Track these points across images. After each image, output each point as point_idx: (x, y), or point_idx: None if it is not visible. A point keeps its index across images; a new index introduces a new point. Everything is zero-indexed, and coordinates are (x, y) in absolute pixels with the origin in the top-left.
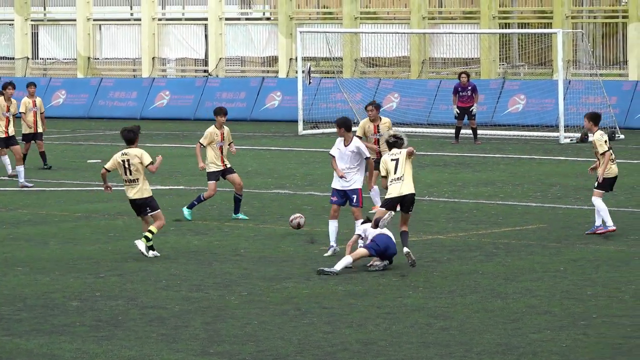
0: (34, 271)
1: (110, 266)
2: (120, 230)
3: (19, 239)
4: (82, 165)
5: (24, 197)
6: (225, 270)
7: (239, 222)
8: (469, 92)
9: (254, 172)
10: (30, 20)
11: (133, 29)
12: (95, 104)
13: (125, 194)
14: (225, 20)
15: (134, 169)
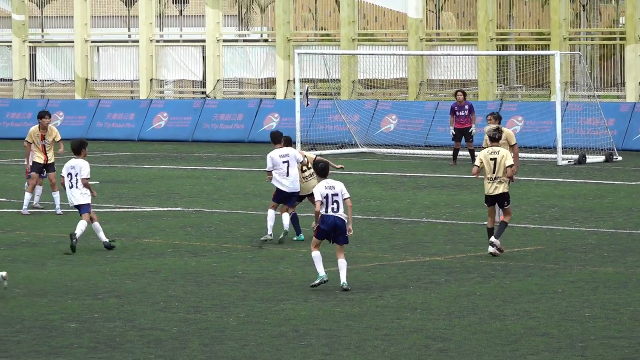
0: (32, 293)
1: (108, 288)
2: (117, 252)
3: (17, 260)
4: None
5: (21, 218)
6: (223, 291)
7: (236, 244)
8: (465, 112)
9: (252, 193)
10: (28, 42)
11: (131, 51)
12: (94, 126)
13: None
14: (222, 42)
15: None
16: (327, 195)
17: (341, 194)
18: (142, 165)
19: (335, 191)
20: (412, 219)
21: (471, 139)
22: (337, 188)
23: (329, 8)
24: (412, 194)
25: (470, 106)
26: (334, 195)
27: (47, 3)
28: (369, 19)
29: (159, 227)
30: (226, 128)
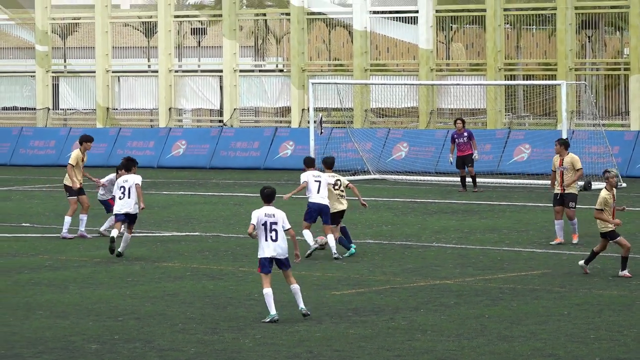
0: (54, 315)
1: (128, 310)
2: (137, 276)
3: (40, 283)
4: (101, 212)
5: (44, 242)
6: (240, 314)
7: (252, 267)
8: (465, 139)
9: None
10: (51, 72)
11: (150, 81)
12: (114, 153)
13: None
14: (239, 72)
15: None
16: (265, 222)
17: (282, 224)
18: (161, 191)
19: (274, 220)
20: (422, 244)
21: (471, 164)
22: (277, 217)
23: (343, 39)
24: (422, 219)
25: (469, 133)
26: (272, 223)
27: (70, 34)
28: (381, 49)
29: (177, 252)
30: (243, 155)
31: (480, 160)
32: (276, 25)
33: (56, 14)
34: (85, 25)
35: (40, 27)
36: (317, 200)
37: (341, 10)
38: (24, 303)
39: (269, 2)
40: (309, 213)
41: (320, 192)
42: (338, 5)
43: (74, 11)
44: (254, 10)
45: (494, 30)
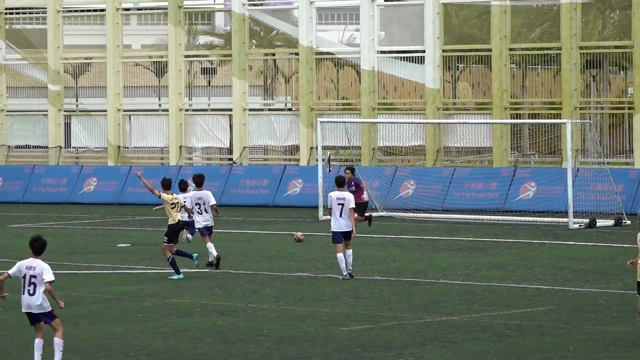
0: (66, 351)
1: (139, 346)
2: (148, 312)
3: None
4: (112, 249)
5: (56, 279)
6: (249, 349)
7: (262, 303)
8: (353, 188)
9: (277, 255)
10: (63, 111)
11: (161, 119)
12: (125, 191)
13: None
14: (249, 111)
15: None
16: (25, 275)
17: (41, 276)
18: None
19: (34, 272)
20: (429, 280)
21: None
22: (37, 269)
23: (350, 79)
24: (429, 256)
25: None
26: (32, 276)
27: (82, 74)
28: (388, 89)
29: (187, 288)
30: (252, 193)
31: (487, 198)
32: (285, 64)
33: (68, 54)
34: (96, 65)
35: (53, 66)
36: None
37: (349, 50)
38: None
39: (278, 42)
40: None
41: (342, 215)
42: (346, 45)
43: (85, 51)
44: (263, 50)
45: (500, 70)
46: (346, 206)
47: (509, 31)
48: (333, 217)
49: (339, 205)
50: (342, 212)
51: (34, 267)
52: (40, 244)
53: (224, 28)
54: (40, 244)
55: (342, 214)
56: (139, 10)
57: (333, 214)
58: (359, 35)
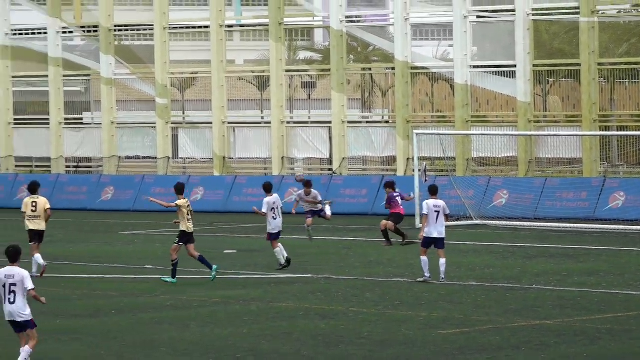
0: (176, 352)
1: (246, 348)
2: (254, 315)
3: (163, 322)
4: (219, 255)
5: (162, 284)
6: (351, 351)
7: (362, 307)
8: (395, 198)
9: (375, 262)
10: (170, 123)
11: (264, 131)
12: (230, 200)
13: None
14: (347, 123)
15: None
16: (4, 284)
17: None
18: (283, 235)
19: (14, 280)
20: (523, 286)
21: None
22: (16, 277)
23: (445, 92)
24: (522, 263)
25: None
26: (12, 284)
27: (188, 88)
28: (481, 102)
29: (291, 293)
30: (351, 202)
31: (577, 207)
32: (382, 79)
33: (175, 69)
34: (202, 80)
35: (160, 81)
36: (433, 232)
37: (443, 65)
38: (147, 341)
39: (375, 57)
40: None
41: (437, 222)
42: (440, 60)
43: (191, 66)
44: (360, 65)
45: (589, 84)
46: (441, 213)
47: (597, 46)
48: (428, 223)
49: (435, 212)
50: (438, 219)
51: (13, 275)
52: (14, 251)
53: (323, 44)
54: (14, 251)
55: (437, 220)
56: (242, 27)
57: (429, 220)
58: (453, 50)
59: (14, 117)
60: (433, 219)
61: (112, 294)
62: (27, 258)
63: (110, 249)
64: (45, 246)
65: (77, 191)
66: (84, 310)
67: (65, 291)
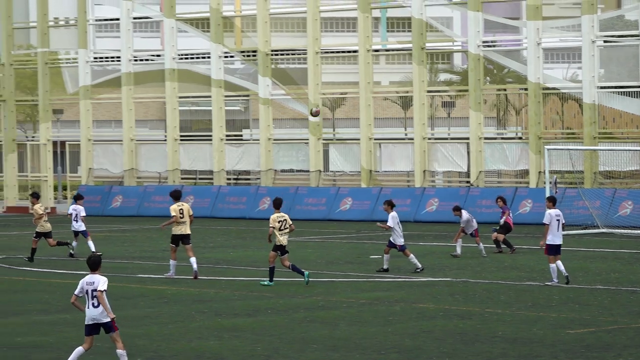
0: (326, 348)
1: (389, 345)
2: (397, 315)
3: (314, 321)
4: (365, 260)
5: (318, 285)
6: (486, 349)
7: (497, 308)
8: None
9: (510, 266)
10: (322, 139)
11: (407, 147)
12: (376, 210)
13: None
14: (484, 140)
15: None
16: (87, 290)
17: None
18: (417, 242)
19: (94, 287)
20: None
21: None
22: (95, 284)
23: (574, 111)
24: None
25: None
26: (93, 290)
27: (338, 107)
28: (607, 120)
29: (431, 294)
30: (487, 212)
31: None
32: (515, 98)
33: (326, 89)
34: (351, 99)
35: (313, 100)
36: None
37: (572, 86)
38: (300, 338)
39: (509, 78)
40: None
41: (558, 230)
42: (570, 82)
43: (341, 87)
44: (496, 86)
45: None
46: (561, 222)
47: None
48: (551, 232)
49: (556, 221)
50: (559, 227)
51: (94, 282)
52: (93, 260)
53: (462, 66)
54: (93, 261)
55: (558, 229)
56: (387, 52)
57: (551, 229)
58: (581, 72)
59: (180, 134)
60: (555, 227)
61: (268, 295)
62: (167, 260)
63: (266, 254)
64: (207, 251)
65: (237, 201)
66: (242, 309)
67: (226, 292)
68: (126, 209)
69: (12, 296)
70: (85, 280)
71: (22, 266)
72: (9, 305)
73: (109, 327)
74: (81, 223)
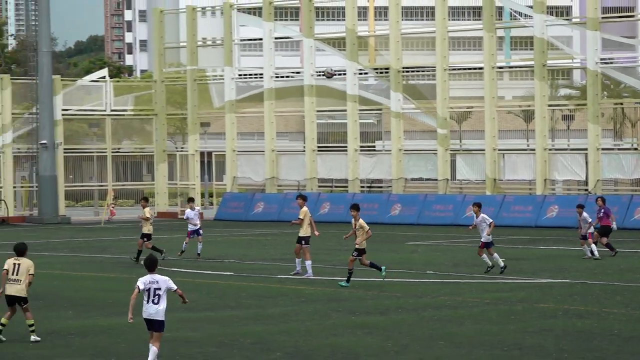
0: (452, 345)
1: (511, 342)
2: (519, 314)
3: (441, 319)
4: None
5: (444, 286)
6: (603, 346)
7: (613, 308)
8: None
9: (626, 269)
10: (449, 150)
11: (529, 157)
12: (500, 215)
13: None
14: (601, 150)
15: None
16: (149, 288)
17: (165, 287)
18: (538, 246)
19: (158, 286)
20: None
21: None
22: (160, 283)
23: None
24: None
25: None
26: (156, 289)
27: (464, 120)
28: None
29: (551, 295)
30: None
31: None
32: (631, 112)
33: (453, 104)
34: (476, 113)
35: (441, 114)
36: None
37: None
38: (427, 335)
39: (625, 93)
40: None
41: None
42: None
43: (467, 101)
44: (613, 100)
45: None
46: None
47: None
48: None
49: None
50: None
51: (157, 281)
52: (151, 261)
53: (580, 82)
54: (149, 262)
55: None
56: (510, 68)
57: None
58: None
59: (317, 145)
60: None
61: (397, 295)
62: (304, 262)
63: (397, 256)
64: (342, 254)
65: (369, 207)
66: (374, 308)
67: (359, 292)
68: (267, 214)
69: None
70: (147, 278)
71: (170, 267)
72: None
73: (159, 325)
74: (196, 224)
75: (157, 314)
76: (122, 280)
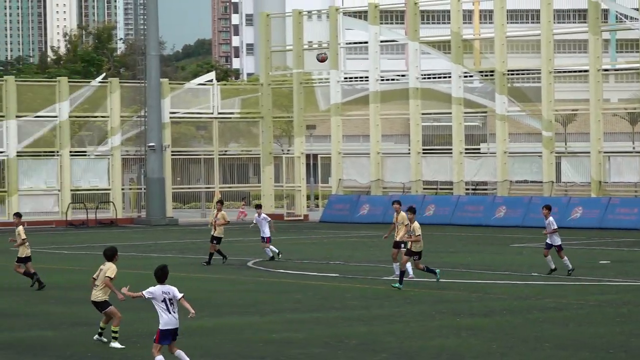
0: (556, 347)
1: (617, 344)
2: (625, 316)
3: (546, 321)
4: (594, 265)
5: (548, 288)
6: None
7: None
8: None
9: None
10: (554, 152)
11: (634, 159)
12: (605, 218)
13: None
14: None
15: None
16: (164, 299)
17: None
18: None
19: (170, 296)
20: None
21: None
22: (172, 293)
23: None
24: None
25: None
26: (170, 299)
27: (569, 122)
28: None
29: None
30: None
31: None
32: None
33: (558, 106)
34: (581, 115)
35: (546, 117)
36: None
37: None
38: (533, 337)
39: None
40: None
41: None
42: None
43: (573, 104)
44: None
45: None
46: None
47: None
48: None
49: None
50: None
51: (169, 292)
52: (160, 273)
53: None
54: (160, 273)
55: None
56: (616, 71)
57: None
58: None
59: (422, 147)
60: None
61: (503, 297)
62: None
63: (502, 259)
64: (447, 255)
65: (474, 210)
66: (479, 310)
67: (464, 294)
68: (372, 216)
69: (270, 296)
70: (159, 289)
71: (280, 268)
72: (268, 305)
73: (176, 333)
74: (263, 230)
75: (177, 322)
76: (227, 282)
